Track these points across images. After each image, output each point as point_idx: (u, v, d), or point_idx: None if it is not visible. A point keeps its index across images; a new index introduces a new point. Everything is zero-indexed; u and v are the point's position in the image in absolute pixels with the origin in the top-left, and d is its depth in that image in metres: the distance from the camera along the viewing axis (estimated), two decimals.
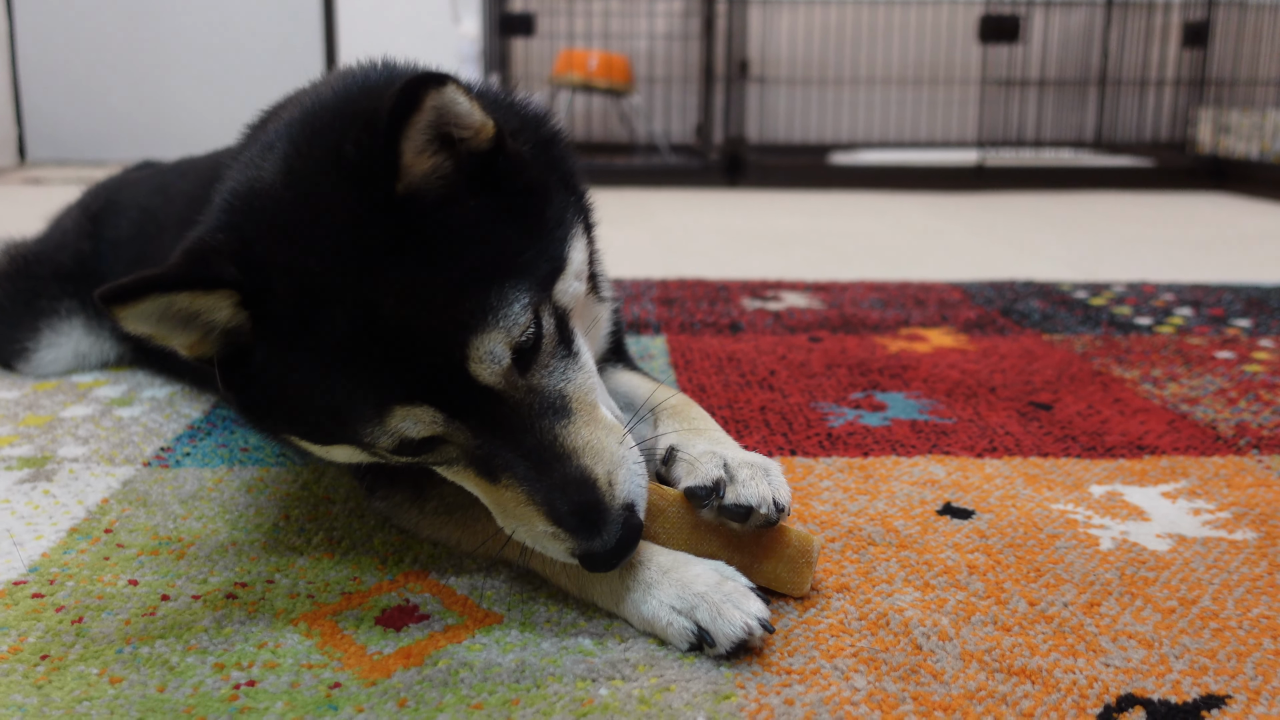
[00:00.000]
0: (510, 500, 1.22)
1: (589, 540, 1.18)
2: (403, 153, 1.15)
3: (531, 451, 1.21)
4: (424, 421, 1.19)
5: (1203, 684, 1.13)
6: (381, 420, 1.18)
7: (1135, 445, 1.88)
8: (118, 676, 1.13)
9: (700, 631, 1.18)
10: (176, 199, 2.09)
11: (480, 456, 1.22)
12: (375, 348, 1.16)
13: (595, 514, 1.19)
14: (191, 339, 1.22)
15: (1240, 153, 6.57)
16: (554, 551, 1.22)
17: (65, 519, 1.53)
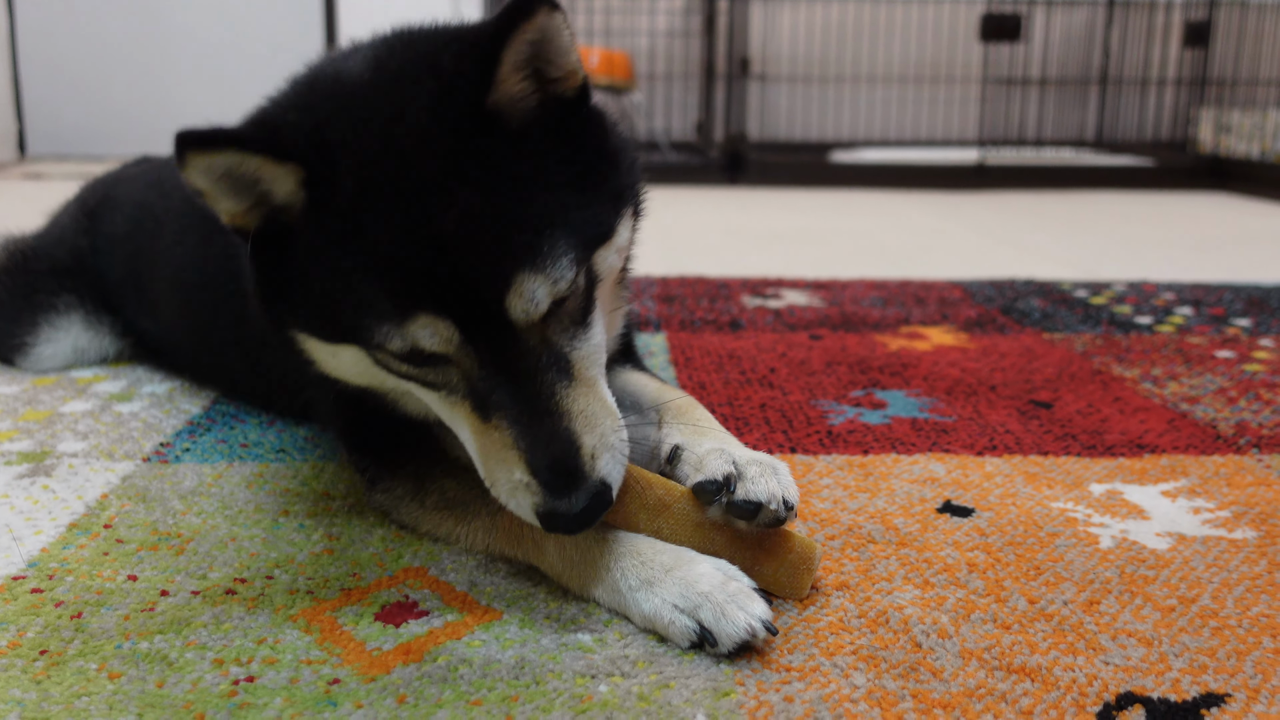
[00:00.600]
0: (496, 442, 1.23)
1: (557, 498, 1.19)
2: (503, 62, 1.18)
3: (529, 400, 1.22)
4: (441, 336, 1.20)
5: (1202, 682, 1.13)
6: (402, 323, 1.19)
7: (1135, 444, 1.88)
8: (117, 672, 1.13)
9: (703, 631, 1.17)
10: (173, 194, 2.09)
11: (479, 391, 1.23)
12: (421, 252, 1.17)
13: (571, 477, 1.19)
14: (240, 207, 1.24)
15: (1241, 152, 6.57)
16: (521, 505, 1.22)
17: (65, 514, 1.53)
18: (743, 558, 1.29)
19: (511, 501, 1.24)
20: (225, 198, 1.23)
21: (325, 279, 1.24)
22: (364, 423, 1.57)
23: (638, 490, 1.34)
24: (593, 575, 1.28)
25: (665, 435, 1.51)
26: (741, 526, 1.30)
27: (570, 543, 1.31)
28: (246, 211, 1.25)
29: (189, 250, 1.96)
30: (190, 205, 1.99)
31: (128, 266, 2.18)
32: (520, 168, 1.22)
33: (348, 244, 1.20)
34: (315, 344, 1.34)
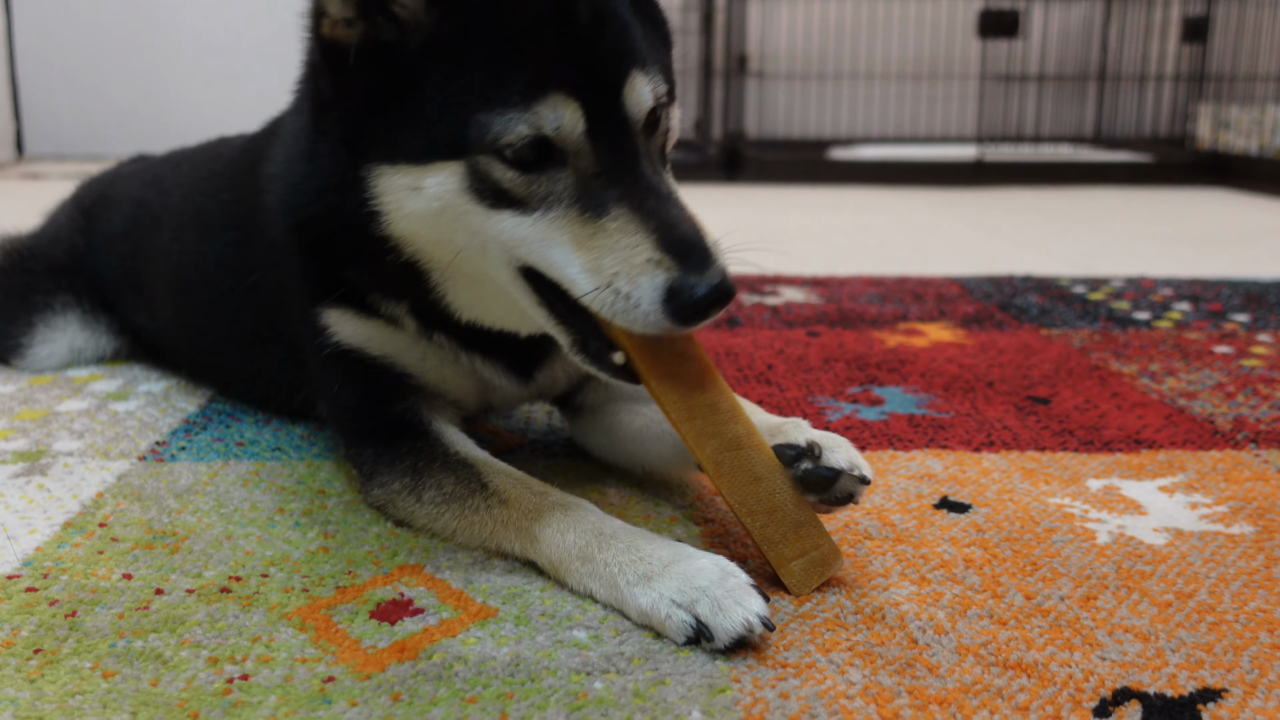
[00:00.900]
0: (614, 233, 1.25)
1: (689, 272, 1.21)
2: None
3: (651, 187, 1.27)
4: (566, 117, 1.24)
5: (1199, 677, 1.13)
6: (529, 105, 1.24)
7: (1133, 439, 1.88)
8: (111, 670, 1.12)
9: (699, 626, 1.17)
10: (172, 191, 2.08)
11: (592, 190, 1.27)
12: (553, 38, 1.25)
13: (702, 253, 1.23)
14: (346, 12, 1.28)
15: (1239, 148, 6.56)
16: (650, 285, 1.22)
17: (60, 513, 1.52)
18: (774, 530, 1.30)
19: (637, 284, 1.23)
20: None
21: (442, 81, 1.27)
22: (364, 418, 1.57)
23: (723, 418, 1.34)
24: (589, 570, 1.28)
25: None
26: (811, 499, 1.32)
27: (567, 537, 1.31)
28: (352, 19, 1.28)
29: (187, 247, 1.96)
30: (189, 203, 1.99)
31: (125, 264, 2.17)
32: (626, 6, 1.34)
33: (476, 37, 1.26)
34: (397, 178, 1.33)
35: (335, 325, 1.56)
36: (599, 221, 1.26)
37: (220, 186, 1.93)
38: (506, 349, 1.58)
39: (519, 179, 1.27)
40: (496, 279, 1.39)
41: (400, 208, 1.35)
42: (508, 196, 1.29)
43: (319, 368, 1.62)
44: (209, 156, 2.11)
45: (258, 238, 1.75)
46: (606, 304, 1.25)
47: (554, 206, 1.28)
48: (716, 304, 1.22)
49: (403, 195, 1.34)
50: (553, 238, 1.28)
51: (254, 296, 1.79)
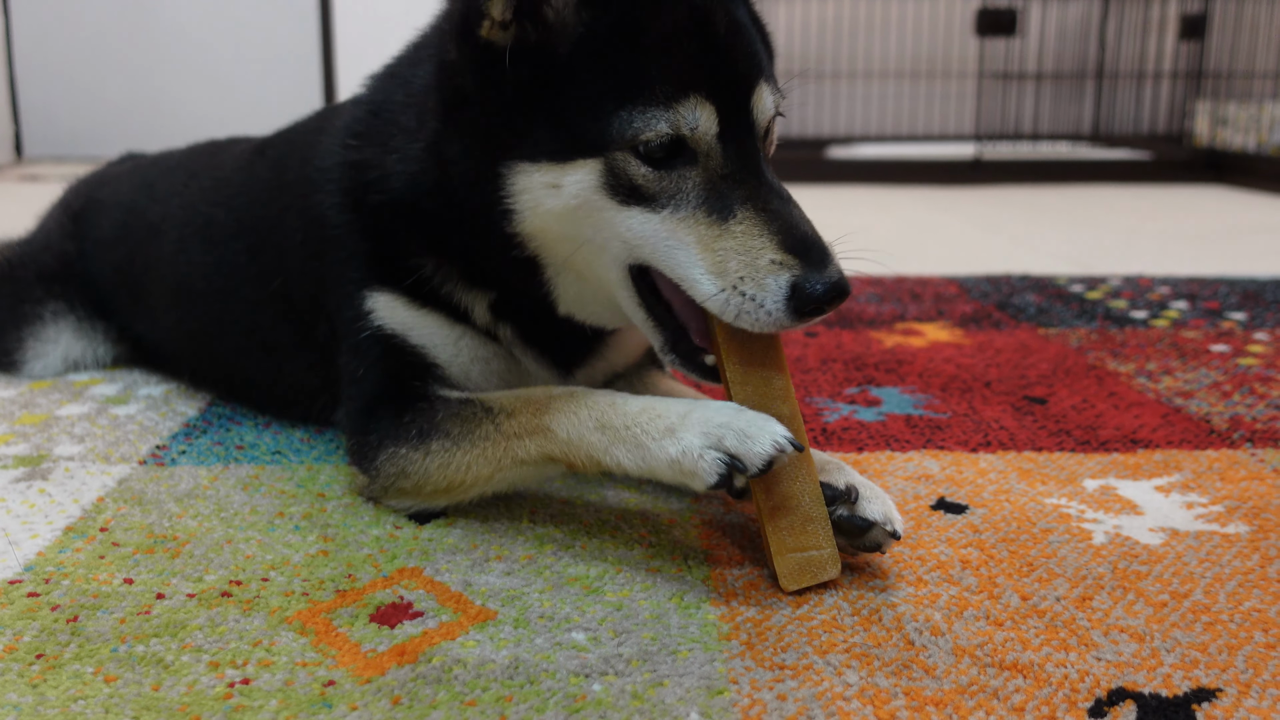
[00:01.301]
0: (740, 236, 1.31)
1: (811, 269, 1.28)
2: None
3: (772, 193, 1.35)
4: (703, 118, 1.32)
5: (1194, 677, 1.14)
6: (671, 105, 1.31)
7: (1129, 439, 1.88)
8: (113, 675, 1.13)
9: (731, 459, 1.24)
10: (169, 200, 2.08)
11: (720, 192, 1.33)
12: (695, 46, 1.34)
13: (821, 252, 1.31)
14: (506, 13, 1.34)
15: (1237, 145, 6.57)
16: (774, 284, 1.29)
17: (61, 518, 1.53)
18: (784, 518, 1.32)
19: (763, 286, 1.29)
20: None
21: (587, 82, 1.34)
22: (380, 400, 1.58)
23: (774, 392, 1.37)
24: (610, 437, 1.33)
25: None
26: (840, 541, 1.35)
27: (580, 414, 1.37)
28: (508, 22, 1.34)
29: (194, 258, 1.96)
30: (193, 213, 1.99)
31: (120, 270, 2.17)
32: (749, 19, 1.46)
33: (622, 41, 1.33)
34: (537, 175, 1.38)
35: (381, 310, 1.59)
36: (725, 224, 1.32)
37: (230, 194, 1.94)
38: (557, 345, 1.64)
39: (651, 175, 1.34)
40: (603, 277, 1.44)
41: (537, 205, 1.40)
42: (639, 193, 1.35)
43: (349, 354, 1.63)
44: (208, 164, 2.11)
45: (283, 237, 1.76)
46: (730, 307, 1.32)
47: (681, 206, 1.34)
48: (834, 300, 1.29)
49: (540, 193, 1.39)
50: (679, 237, 1.35)
51: (276, 303, 1.80)
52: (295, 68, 7.60)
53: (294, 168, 1.78)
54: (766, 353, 1.39)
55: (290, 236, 1.75)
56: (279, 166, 1.85)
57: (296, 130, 1.92)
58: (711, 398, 1.93)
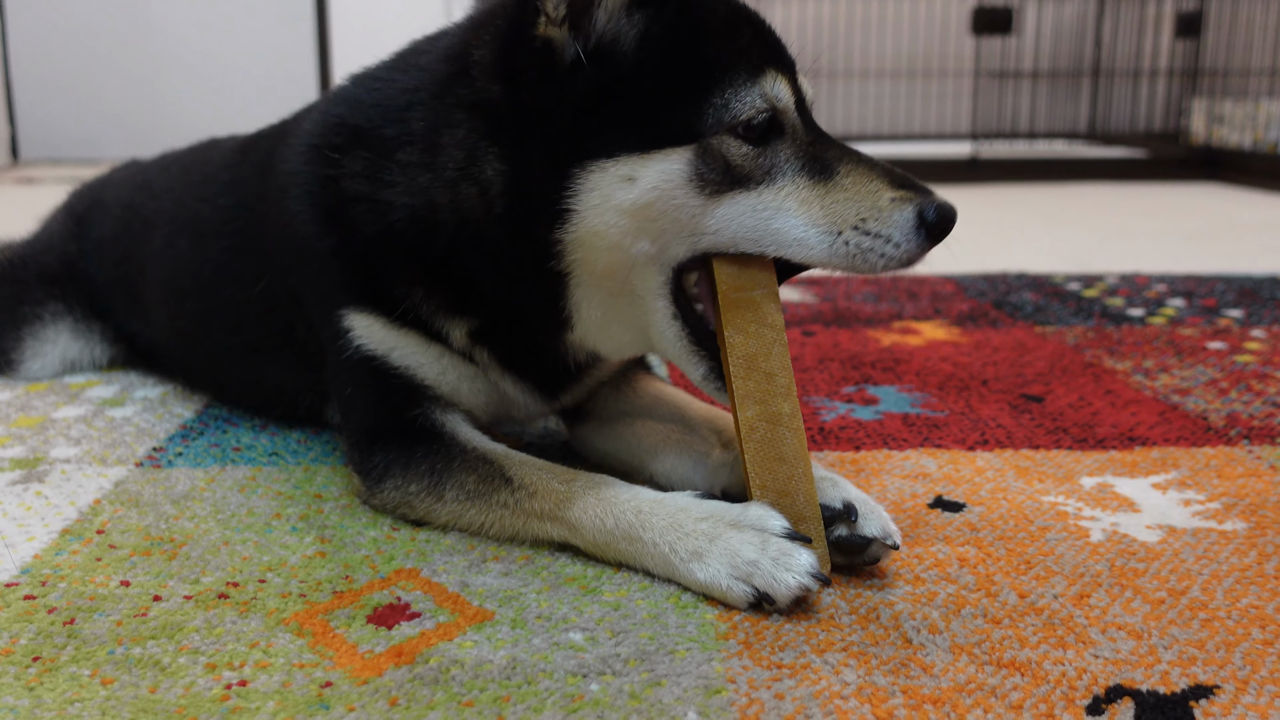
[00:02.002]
0: (850, 186, 1.38)
1: (925, 196, 1.35)
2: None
3: (852, 150, 1.43)
4: (784, 92, 1.39)
5: (1191, 674, 1.14)
6: (754, 79, 1.37)
7: (1126, 437, 1.88)
8: (109, 678, 1.13)
9: (760, 594, 1.25)
10: (162, 196, 2.08)
11: (813, 154, 1.40)
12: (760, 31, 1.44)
13: (922, 185, 1.38)
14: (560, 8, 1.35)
15: (1233, 143, 6.58)
16: (901, 216, 1.35)
17: (57, 520, 1.53)
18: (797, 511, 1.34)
19: (889, 222, 1.35)
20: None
21: (665, 75, 1.37)
22: (377, 422, 1.57)
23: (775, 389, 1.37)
24: (638, 550, 1.34)
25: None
26: (838, 559, 1.35)
27: (607, 522, 1.36)
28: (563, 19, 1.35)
29: (181, 254, 1.96)
30: (181, 208, 1.99)
31: (118, 271, 2.17)
32: None
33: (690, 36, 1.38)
34: (613, 168, 1.36)
35: (359, 331, 1.57)
36: (831, 180, 1.38)
37: (217, 191, 1.93)
38: (539, 371, 1.62)
39: (751, 153, 1.37)
40: (641, 288, 1.43)
41: (605, 200, 1.37)
42: (734, 175, 1.37)
43: (335, 370, 1.63)
44: (200, 160, 2.11)
45: (265, 240, 1.76)
46: (850, 249, 1.36)
47: (778, 178, 1.38)
48: (952, 221, 1.37)
49: (612, 187, 1.36)
50: (780, 205, 1.38)
51: (258, 303, 1.80)
52: (291, 71, 7.60)
53: (273, 170, 1.75)
54: (770, 350, 1.39)
55: (271, 240, 1.73)
56: (261, 167, 1.82)
57: (279, 131, 1.88)
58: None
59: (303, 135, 1.67)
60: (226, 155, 2.01)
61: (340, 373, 1.61)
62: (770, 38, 1.46)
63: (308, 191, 1.62)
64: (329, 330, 1.60)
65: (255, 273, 1.78)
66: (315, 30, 7.69)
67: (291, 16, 7.69)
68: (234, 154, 1.98)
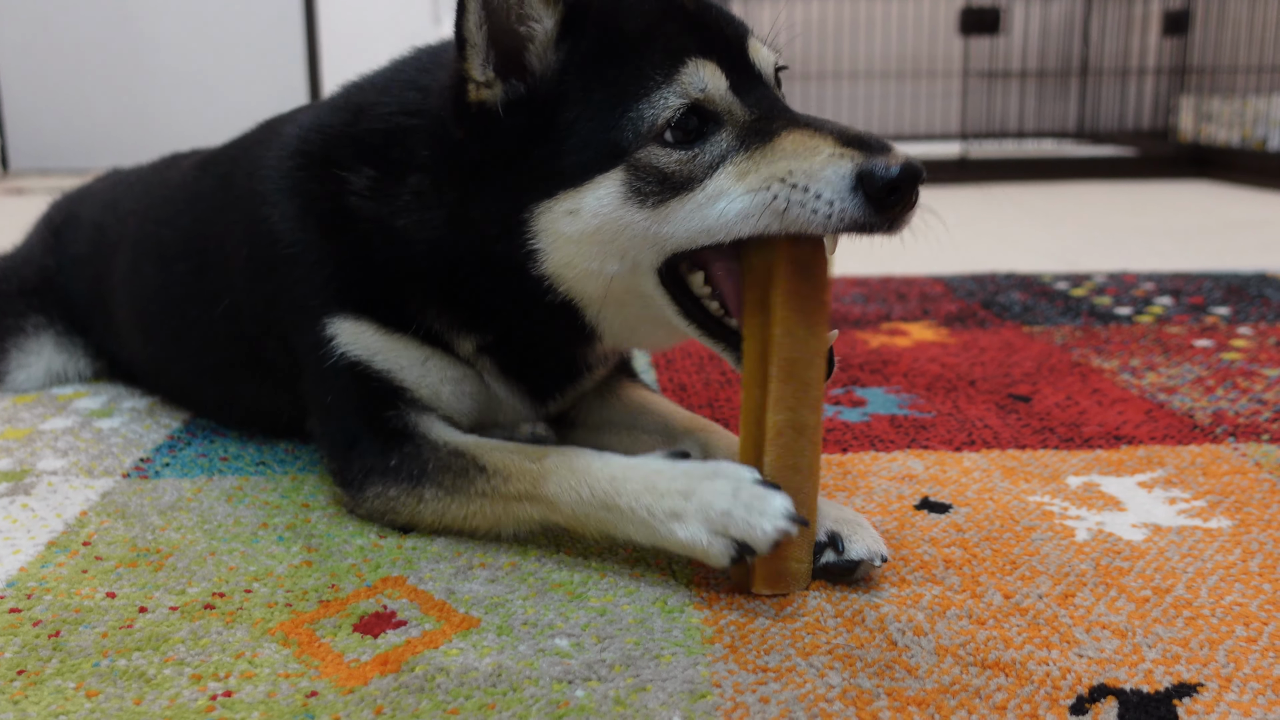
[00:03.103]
0: (789, 146, 1.28)
1: (877, 155, 1.23)
2: None
3: (809, 117, 1.33)
4: (709, 76, 1.32)
5: (1175, 672, 1.14)
6: (671, 77, 1.31)
7: (1112, 435, 1.89)
8: (94, 690, 1.13)
9: (740, 544, 1.24)
10: (127, 218, 2.07)
11: (756, 129, 1.31)
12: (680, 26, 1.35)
13: (883, 143, 1.26)
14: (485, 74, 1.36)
15: (1222, 140, 6.60)
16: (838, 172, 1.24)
17: (43, 532, 1.53)
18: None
19: (818, 177, 1.25)
20: (478, 54, 1.35)
21: (582, 101, 1.34)
22: (356, 429, 1.57)
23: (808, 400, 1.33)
24: (619, 517, 1.33)
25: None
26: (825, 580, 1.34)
27: (582, 493, 1.35)
28: (493, 80, 1.36)
29: (147, 278, 1.94)
30: (143, 231, 1.98)
31: (90, 289, 2.17)
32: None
33: (604, 53, 1.34)
34: (556, 206, 1.37)
35: (344, 337, 1.57)
36: (768, 144, 1.30)
37: (175, 213, 1.92)
38: (537, 379, 1.63)
39: (685, 157, 1.32)
40: (646, 295, 1.42)
41: (557, 235, 1.38)
42: (672, 182, 1.32)
43: (314, 381, 1.63)
44: (159, 180, 2.09)
45: (226, 257, 1.74)
46: (775, 201, 1.27)
47: (719, 166, 1.32)
48: (911, 180, 1.24)
49: (561, 222, 1.37)
50: (719, 189, 1.31)
51: (223, 323, 1.78)
52: (280, 79, 7.59)
53: (240, 183, 1.74)
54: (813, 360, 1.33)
55: (236, 254, 1.72)
56: (224, 182, 1.81)
57: (241, 145, 1.87)
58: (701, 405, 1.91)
59: (289, 143, 1.65)
60: (184, 174, 1.99)
61: (320, 382, 1.61)
62: (702, 19, 1.38)
63: (295, 200, 1.60)
64: (309, 339, 1.59)
65: (216, 293, 1.77)
66: (304, 39, 7.69)
67: (280, 26, 7.69)
68: (191, 171, 1.96)
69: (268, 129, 1.81)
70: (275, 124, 1.80)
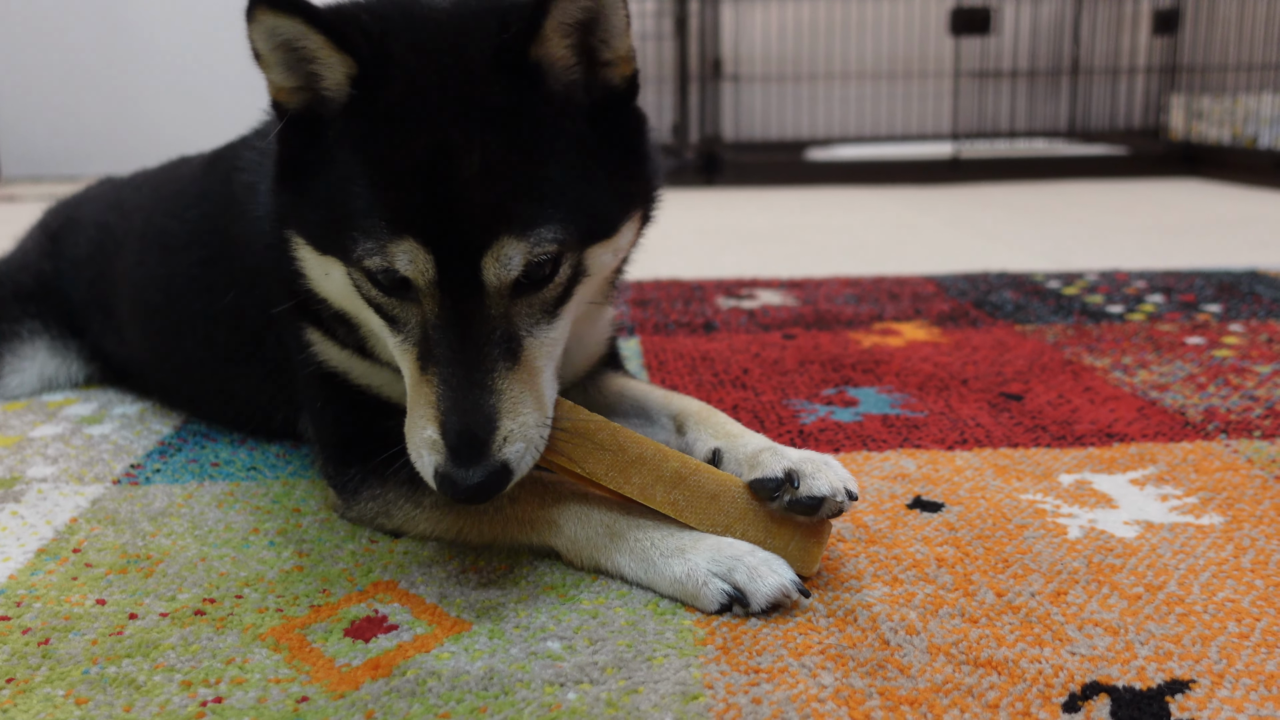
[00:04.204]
0: (422, 396, 1.26)
1: (456, 465, 1.22)
2: (550, 13, 1.24)
3: (467, 367, 1.24)
4: (418, 266, 1.23)
5: (1167, 669, 1.14)
6: (386, 243, 1.23)
7: (1105, 433, 1.89)
8: (84, 698, 1.12)
9: (736, 592, 1.24)
10: (134, 214, 2.08)
11: (428, 339, 1.27)
12: (429, 182, 1.22)
13: (476, 450, 1.22)
14: (287, 83, 1.30)
15: (1212, 138, 6.61)
16: (423, 462, 1.25)
17: (33, 540, 1.52)
18: (755, 531, 1.33)
19: (417, 457, 1.27)
20: (276, 68, 1.30)
21: (336, 180, 1.28)
22: (349, 435, 1.57)
23: (655, 463, 1.36)
24: (618, 545, 1.34)
25: (694, 440, 1.58)
26: (802, 520, 1.34)
27: (592, 517, 1.37)
28: (291, 91, 1.32)
29: (152, 270, 1.95)
30: (151, 224, 1.98)
31: (91, 289, 2.17)
32: (545, 134, 1.27)
33: (367, 152, 1.25)
34: (307, 251, 1.37)
35: (319, 346, 1.58)
36: (423, 375, 1.28)
37: (185, 205, 1.93)
38: None
39: (383, 298, 1.30)
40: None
41: (313, 273, 1.41)
42: (379, 308, 1.32)
43: (304, 383, 1.63)
44: (170, 176, 2.11)
45: (232, 250, 1.75)
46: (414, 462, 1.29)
47: (406, 338, 1.31)
48: (470, 500, 1.25)
49: (318, 273, 1.40)
50: (403, 358, 1.32)
51: (229, 315, 1.79)
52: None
53: (242, 178, 1.75)
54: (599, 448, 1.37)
55: (239, 249, 1.73)
56: (227, 177, 1.82)
57: (248, 140, 1.87)
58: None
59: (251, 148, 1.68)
60: (194, 169, 2.01)
61: (309, 385, 1.61)
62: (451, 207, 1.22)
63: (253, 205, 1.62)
64: (295, 340, 1.60)
65: (223, 285, 1.78)
66: None
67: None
68: (201, 167, 1.98)
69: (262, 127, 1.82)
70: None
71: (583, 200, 1.29)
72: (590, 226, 1.31)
